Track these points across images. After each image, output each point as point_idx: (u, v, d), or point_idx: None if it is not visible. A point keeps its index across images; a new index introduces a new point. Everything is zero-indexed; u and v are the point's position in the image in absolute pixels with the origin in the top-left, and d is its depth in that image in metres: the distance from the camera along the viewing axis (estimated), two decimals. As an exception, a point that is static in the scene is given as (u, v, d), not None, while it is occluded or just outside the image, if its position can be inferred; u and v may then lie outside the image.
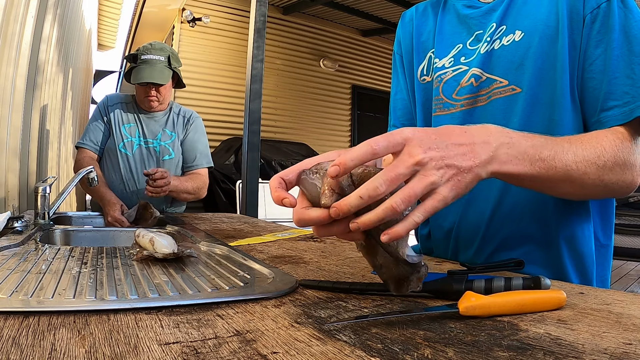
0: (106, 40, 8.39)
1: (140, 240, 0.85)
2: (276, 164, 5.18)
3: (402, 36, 1.01)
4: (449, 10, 0.90)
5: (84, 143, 1.86)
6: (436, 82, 0.88)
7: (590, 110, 0.72)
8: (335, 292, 0.59)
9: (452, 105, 0.84)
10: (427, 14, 0.96)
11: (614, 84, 0.68)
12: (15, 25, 1.57)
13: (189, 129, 1.96)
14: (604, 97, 0.70)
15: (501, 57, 0.78)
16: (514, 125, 0.76)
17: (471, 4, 0.86)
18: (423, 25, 0.95)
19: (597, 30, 0.71)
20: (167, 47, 1.87)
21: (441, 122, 0.86)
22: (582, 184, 0.64)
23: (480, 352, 0.38)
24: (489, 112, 0.79)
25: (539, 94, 0.75)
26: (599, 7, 0.70)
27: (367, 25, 6.69)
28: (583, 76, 0.72)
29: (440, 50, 0.88)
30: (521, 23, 0.77)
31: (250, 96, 3.13)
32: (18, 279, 0.62)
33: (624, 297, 0.56)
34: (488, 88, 0.80)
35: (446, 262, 0.82)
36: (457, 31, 0.87)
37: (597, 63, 0.71)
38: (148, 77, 1.76)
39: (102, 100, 1.93)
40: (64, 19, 2.87)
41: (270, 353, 0.38)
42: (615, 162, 0.64)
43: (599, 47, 0.70)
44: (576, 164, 0.62)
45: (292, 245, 1.02)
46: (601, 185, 0.65)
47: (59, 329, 0.42)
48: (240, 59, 5.54)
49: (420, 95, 0.92)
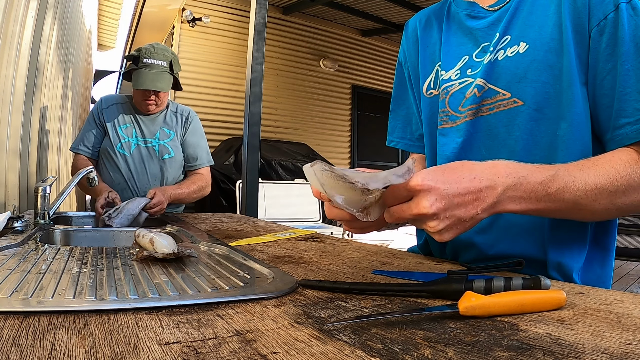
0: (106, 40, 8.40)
1: (140, 240, 0.85)
2: (276, 164, 5.18)
3: (407, 48, 0.99)
4: (453, 19, 0.88)
5: (78, 148, 1.85)
6: (442, 94, 0.85)
7: (604, 127, 0.70)
8: (335, 292, 0.59)
9: (457, 117, 0.83)
10: (431, 24, 0.93)
11: (624, 101, 0.66)
12: (15, 26, 1.57)
13: (188, 128, 1.96)
14: (616, 114, 0.67)
15: (504, 68, 0.76)
16: (515, 139, 0.75)
17: (475, 14, 0.83)
18: (427, 37, 0.92)
19: (605, 43, 0.67)
20: (169, 50, 1.86)
21: (446, 134, 0.84)
22: (593, 211, 0.64)
23: (480, 352, 0.38)
24: (492, 124, 0.78)
25: (544, 108, 0.73)
26: (606, 18, 0.67)
27: (367, 25, 6.69)
28: (595, 93, 0.70)
29: (447, 62, 0.86)
30: (526, 34, 0.74)
31: (250, 99, 3.13)
32: (18, 279, 0.62)
33: (624, 297, 0.56)
34: (491, 99, 0.78)
35: (446, 262, 0.82)
36: (463, 42, 0.84)
37: (607, 79, 0.68)
38: (151, 84, 1.74)
39: (97, 103, 1.92)
40: (64, 19, 2.87)
41: (270, 353, 0.38)
42: (629, 186, 0.63)
43: (609, 61, 0.67)
44: (586, 192, 0.62)
45: (292, 245, 1.02)
46: (613, 209, 0.65)
47: (59, 329, 0.42)
48: (240, 59, 5.55)
49: (427, 109, 0.90)
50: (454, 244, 0.85)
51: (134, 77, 1.77)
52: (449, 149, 0.83)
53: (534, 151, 0.75)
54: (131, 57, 1.81)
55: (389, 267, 0.76)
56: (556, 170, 0.62)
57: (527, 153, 0.75)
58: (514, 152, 0.76)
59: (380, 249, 0.96)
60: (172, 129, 1.92)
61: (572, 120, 0.71)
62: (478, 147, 0.80)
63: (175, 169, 1.92)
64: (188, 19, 5.48)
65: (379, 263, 0.80)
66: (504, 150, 0.77)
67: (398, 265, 0.78)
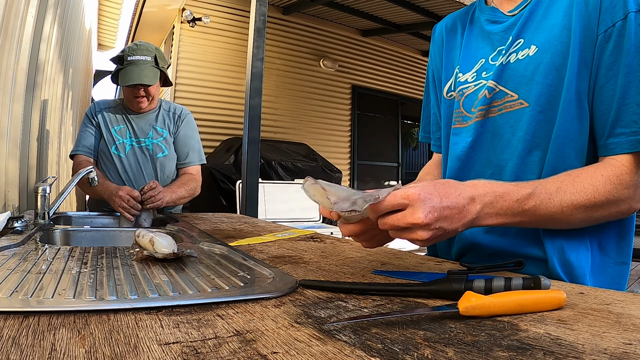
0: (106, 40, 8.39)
1: (140, 240, 0.85)
2: (276, 164, 5.18)
3: (432, 51, 1.02)
4: (475, 24, 0.90)
5: (77, 150, 1.85)
6: (457, 95, 0.88)
7: (599, 133, 0.71)
8: (335, 292, 0.59)
9: (469, 118, 0.85)
10: (455, 29, 0.95)
11: (623, 111, 0.67)
12: (15, 25, 1.57)
13: (180, 125, 1.95)
14: (612, 123, 0.68)
15: (515, 70, 0.77)
16: (518, 139, 0.76)
17: (495, 19, 0.85)
18: (452, 41, 0.95)
19: (610, 51, 0.68)
20: (153, 46, 1.85)
21: (458, 134, 0.87)
22: (569, 222, 0.68)
23: (480, 352, 0.38)
24: (499, 124, 0.80)
25: (546, 110, 0.73)
26: (614, 26, 0.67)
27: (367, 25, 6.69)
28: (594, 99, 0.71)
29: (465, 65, 0.88)
30: (537, 38, 0.75)
31: (250, 93, 3.14)
32: (18, 279, 0.62)
33: (624, 297, 0.56)
34: (500, 100, 0.79)
35: (446, 262, 0.82)
36: (481, 46, 0.87)
37: (607, 87, 0.69)
38: (137, 78, 1.74)
39: (90, 107, 1.92)
40: (64, 19, 2.87)
41: (270, 353, 0.38)
42: (607, 201, 0.66)
43: (611, 69, 0.68)
44: (562, 209, 0.66)
45: (292, 245, 1.02)
46: (591, 221, 0.69)
47: (59, 329, 0.42)
48: (240, 59, 5.54)
49: (446, 111, 0.93)
50: (460, 245, 0.85)
51: (120, 75, 1.77)
52: (459, 148, 0.86)
53: (534, 152, 0.75)
54: (116, 58, 1.82)
55: (389, 267, 0.76)
56: (533, 189, 0.66)
57: (527, 154, 0.76)
58: (516, 152, 0.77)
59: (380, 249, 0.96)
60: (165, 127, 1.92)
61: (568, 124, 0.71)
62: (486, 147, 0.82)
63: (169, 167, 1.92)
64: (188, 19, 5.48)
65: (379, 263, 0.80)
66: (508, 151, 0.78)
67: (398, 265, 0.78)
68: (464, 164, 0.85)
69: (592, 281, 0.74)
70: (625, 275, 0.76)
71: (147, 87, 1.80)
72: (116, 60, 1.81)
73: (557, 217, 0.67)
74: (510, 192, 0.66)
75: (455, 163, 0.87)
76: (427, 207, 0.58)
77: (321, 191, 0.61)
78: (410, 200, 0.58)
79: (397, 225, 0.59)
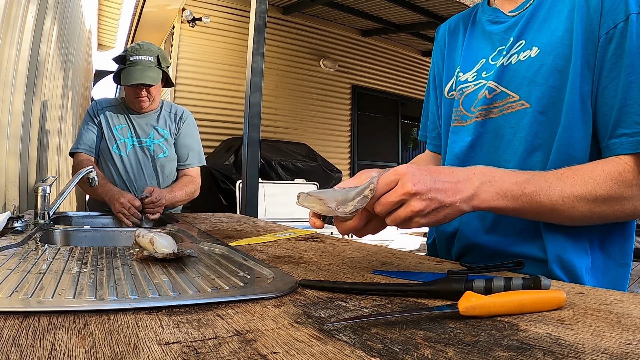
0: (106, 40, 8.39)
1: (140, 240, 0.85)
2: (276, 164, 5.18)
3: (435, 52, 1.03)
4: (477, 25, 0.91)
5: (78, 147, 1.85)
6: (457, 94, 0.89)
7: (602, 134, 0.71)
8: (335, 292, 0.59)
9: (468, 117, 0.85)
10: (458, 30, 0.96)
11: (625, 112, 0.67)
12: (15, 25, 1.57)
13: (181, 127, 1.96)
14: (614, 123, 0.68)
15: (516, 72, 0.77)
16: (519, 140, 0.76)
17: (496, 19, 0.86)
18: (454, 42, 0.96)
19: (612, 52, 0.68)
20: (155, 47, 1.86)
21: (457, 132, 0.87)
22: (571, 216, 0.67)
23: (480, 352, 0.38)
24: (500, 125, 0.80)
25: (549, 112, 0.74)
26: (616, 27, 0.67)
27: (367, 25, 6.69)
28: (597, 100, 0.71)
29: (466, 65, 0.89)
30: (539, 39, 0.75)
31: (250, 89, 3.15)
32: (18, 279, 0.62)
33: (624, 297, 0.56)
34: (502, 101, 0.79)
35: (446, 262, 0.82)
36: (481, 46, 0.87)
37: (610, 88, 0.69)
38: (139, 78, 1.74)
39: (91, 105, 1.92)
40: (64, 19, 2.87)
41: (270, 353, 0.38)
42: (609, 197, 0.66)
43: (613, 70, 0.68)
44: (563, 199, 0.65)
45: (292, 245, 1.02)
46: (594, 217, 0.67)
47: (59, 329, 0.42)
48: (240, 59, 5.54)
49: (446, 110, 0.93)
50: (460, 245, 0.85)
51: (123, 75, 1.78)
52: (458, 147, 0.86)
53: (535, 153, 0.75)
54: (119, 57, 1.82)
55: (389, 267, 0.76)
56: (532, 175, 0.66)
57: (528, 155, 0.76)
58: (517, 153, 0.77)
59: (380, 249, 0.96)
60: (166, 128, 1.92)
61: (572, 126, 0.71)
62: (486, 147, 0.82)
63: (170, 168, 1.92)
64: (188, 19, 5.48)
65: (379, 263, 0.80)
66: (508, 152, 0.78)
67: (398, 265, 0.78)
68: (462, 163, 0.85)
69: (595, 283, 0.73)
70: (627, 276, 0.76)
71: (149, 88, 1.81)
72: (118, 60, 1.81)
73: (559, 207, 0.66)
74: (509, 175, 0.66)
75: (454, 162, 0.87)
76: (415, 177, 0.60)
77: (317, 201, 0.62)
78: (399, 174, 0.60)
79: (391, 200, 0.60)
